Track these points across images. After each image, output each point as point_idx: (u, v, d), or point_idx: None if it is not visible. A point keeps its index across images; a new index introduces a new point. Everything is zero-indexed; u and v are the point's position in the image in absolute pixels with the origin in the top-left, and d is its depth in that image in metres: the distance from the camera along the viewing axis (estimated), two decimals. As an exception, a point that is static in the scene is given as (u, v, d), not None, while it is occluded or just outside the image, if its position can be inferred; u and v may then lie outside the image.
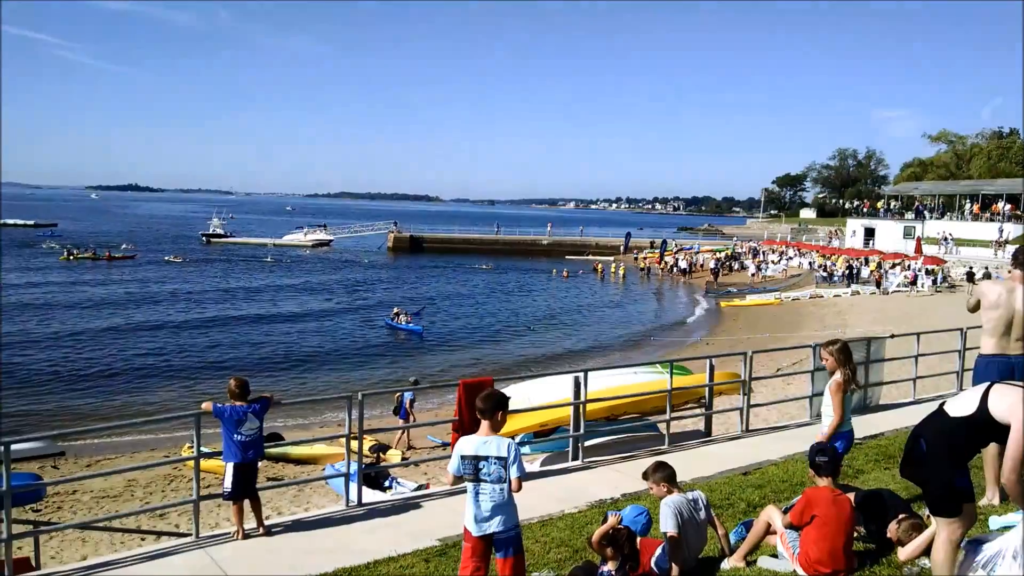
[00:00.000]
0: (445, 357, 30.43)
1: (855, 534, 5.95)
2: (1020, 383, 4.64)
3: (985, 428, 4.60)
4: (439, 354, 31.13)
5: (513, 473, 5.11)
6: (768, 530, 6.03)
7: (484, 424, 5.26)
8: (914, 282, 45.29)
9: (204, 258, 68.15)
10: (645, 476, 6.07)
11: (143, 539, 11.05)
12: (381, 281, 56.11)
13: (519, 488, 5.14)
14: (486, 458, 5.13)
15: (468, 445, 5.24)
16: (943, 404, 4.88)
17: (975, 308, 7.10)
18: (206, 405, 7.53)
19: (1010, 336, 6.74)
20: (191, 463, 7.90)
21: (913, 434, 5.00)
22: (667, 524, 5.71)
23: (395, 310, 36.77)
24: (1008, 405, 4.51)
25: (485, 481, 5.15)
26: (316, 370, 27.51)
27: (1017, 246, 7.21)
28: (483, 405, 5.29)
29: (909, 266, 48.94)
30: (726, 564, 6.03)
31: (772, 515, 6.00)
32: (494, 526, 5.17)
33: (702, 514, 5.97)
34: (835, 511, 5.52)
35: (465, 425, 8.38)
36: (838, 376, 6.96)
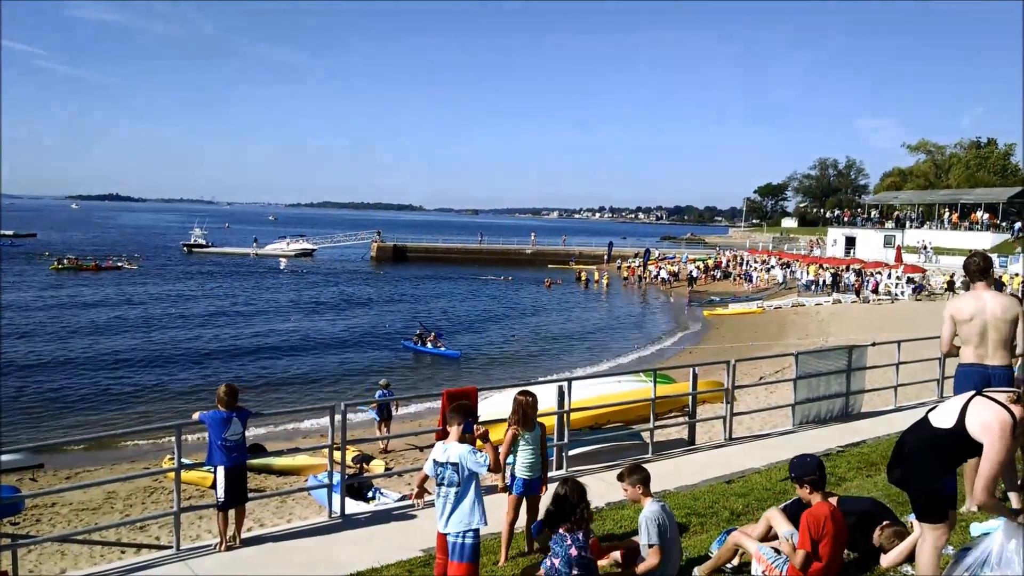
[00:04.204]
0: (431, 367, 30.27)
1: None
2: (1001, 392, 4.66)
3: (963, 442, 4.62)
4: (426, 364, 30.94)
5: (480, 471, 5.55)
6: (735, 554, 6.02)
7: (452, 431, 5.71)
8: (876, 290, 45.85)
9: (184, 269, 67.58)
10: (620, 478, 6.06)
11: (123, 552, 10.93)
12: (384, 294, 55.40)
13: (496, 468, 5.70)
14: (444, 464, 5.57)
15: (436, 450, 5.70)
16: (929, 412, 4.91)
17: (948, 345, 7.12)
18: (195, 415, 7.63)
19: (986, 346, 6.79)
20: (172, 475, 7.86)
21: (899, 441, 5.04)
22: (652, 537, 5.71)
23: (418, 332, 33.68)
24: (982, 424, 4.53)
25: (443, 485, 5.60)
26: (307, 383, 27.28)
27: (965, 258, 7.24)
28: (451, 414, 5.81)
29: (869, 274, 49.64)
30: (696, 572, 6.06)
31: (741, 540, 5.97)
32: (446, 527, 5.60)
33: (673, 527, 5.98)
34: (835, 528, 5.50)
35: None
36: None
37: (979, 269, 6.90)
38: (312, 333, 36.96)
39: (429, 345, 32.41)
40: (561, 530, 5.66)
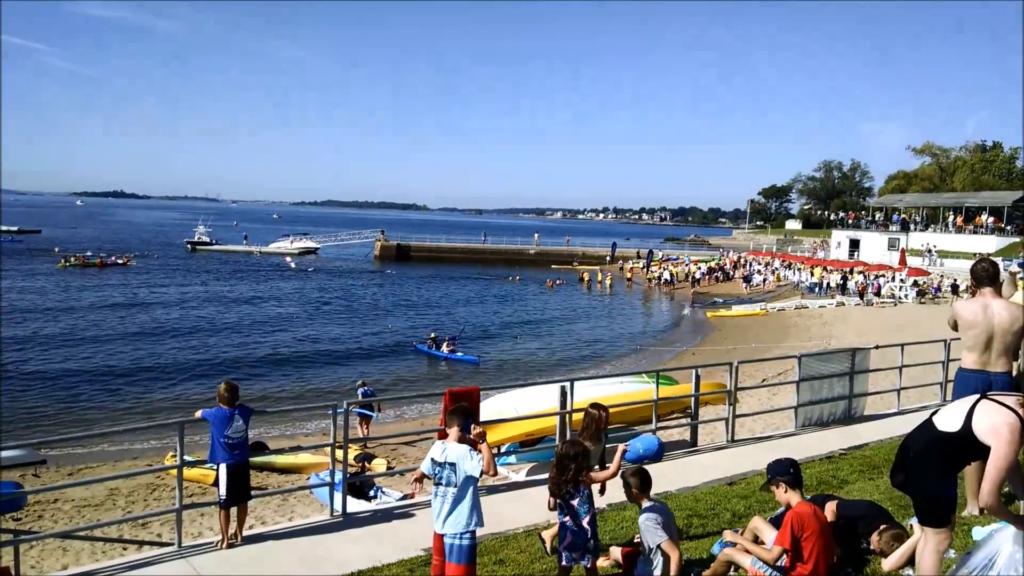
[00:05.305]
0: (447, 373, 29.78)
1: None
2: (1008, 398, 4.65)
3: (969, 445, 4.61)
4: (441, 369, 30.40)
5: (476, 474, 5.49)
6: (729, 569, 5.99)
7: (451, 432, 5.70)
8: (878, 293, 45.82)
9: (188, 267, 67.63)
10: (630, 485, 6.02)
11: (125, 548, 10.93)
12: (397, 294, 55.05)
13: (490, 470, 5.49)
14: (442, 464, 5.57)
15: (435, 449, 5.69)
16: (933, 415, 4.89)
17: (956, 326, 7.16)
18: (197, 414, 7.71)
19: (990, 353, 6.76)
20: (174, 472, 7.88)
21: (903, 444, 5.03)
22: (658, 536, 5.69)
23: (432, 335, 32.84)
24: (989, 427, 4.51)
25: (440, 484, 5.59)
26: (315, 386, 27.20)
27: (972, 263, 7.21)
28: (450, 415, 5.82)
29: (873, 276, 49.67)
30: None
31: (735, 557, 5.94)
32: (444, 527, 5.56)
33: (672, 526, 5.96)
34: (819, 526, 5.49)
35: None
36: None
37: (987, 275, 6.89)
38: (320, 335, 36.60)
39: (444, 350, 31.45)
40: (556, 500, 5.74)
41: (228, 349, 31.87)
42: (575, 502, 5.71)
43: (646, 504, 5.90)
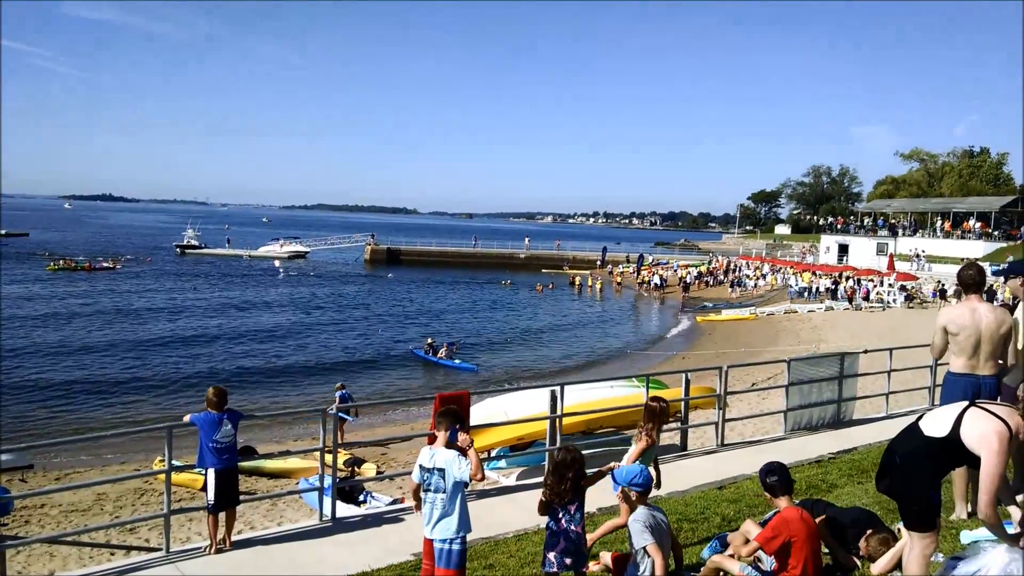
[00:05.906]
0: (445, 380, 29.32)
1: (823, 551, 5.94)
2: (997, 407, 4.66)
3: (956, 452, 4.62)
4: (439, 376, 29.96)
5: (464, 479, 5.45)
6: (718, 575, 5.99)
7: (439, 436, 5.64)
8: (867, 297, 46.03)
9: (178, 270, 67.32)
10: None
11: (112, 554, 10.88)
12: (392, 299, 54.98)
13: (477, 475, 5.46)
14: (431, 470, 5.52)
15: (423, 456, 5.63)
16: (919, 419, 4.90)
17: (941, 354, 7.15)
18: (186, 417, 7.66)
19: (979, 356, 6.80)
20: (162, 476, 7.85)
21: (888, 449, 5.03)
22: (644, 539, 5.67)
23: (429, 340, 32.48)
24: (978, 435, 4.51)
25: (428, 490, 5.55)
26: (301, 384, 27.19)
27: (959, 268, 7.24)
28: (439, 418, 5.74)
29: (857, 281, 49.89)
30: None
31: (723, 564, 5.93)
32: (434, 532, 5.54)
33: (665, 528, 5.95)
34: (806, 531, 5.49)
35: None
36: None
37: (974, 282, 6.92)
38: (313, 342, 36.17)
39: (442, 355, 30.96)
40: (554, 504, 5.68)
41: (218, 357, 31.55)
42: (572, 508, 5.68)
43: (640, 507, 5.88)
